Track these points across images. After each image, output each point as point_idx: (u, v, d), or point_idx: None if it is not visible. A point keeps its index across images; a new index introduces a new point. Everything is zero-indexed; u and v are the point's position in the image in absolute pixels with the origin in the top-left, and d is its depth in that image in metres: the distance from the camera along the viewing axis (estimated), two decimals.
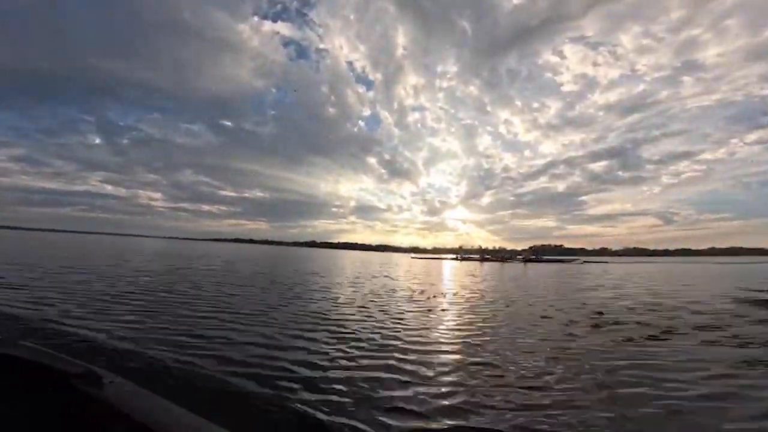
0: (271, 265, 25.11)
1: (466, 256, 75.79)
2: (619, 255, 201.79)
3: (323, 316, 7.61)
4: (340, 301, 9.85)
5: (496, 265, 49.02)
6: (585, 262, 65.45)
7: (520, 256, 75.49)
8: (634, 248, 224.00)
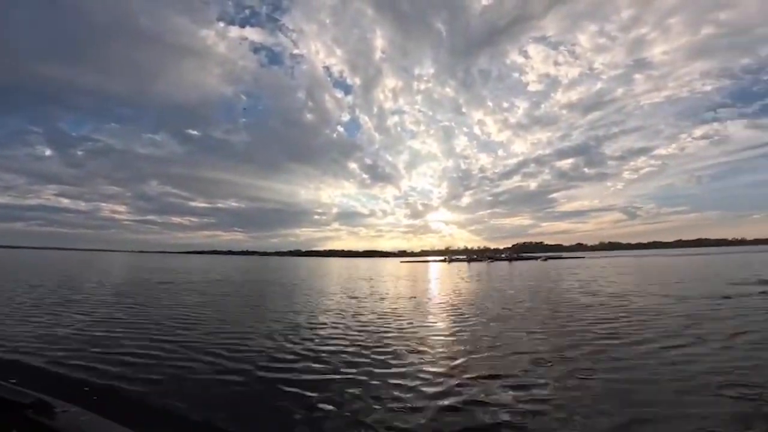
0: (241, 277, 22.12)
1: (454, 257, 75.91)
2: (595, 250, 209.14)
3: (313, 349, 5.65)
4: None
5: (482, 265, 49.80)
6: (562, 258, 66.03)
7: (504, 255, 78.53)
8: (609, 243, 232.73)
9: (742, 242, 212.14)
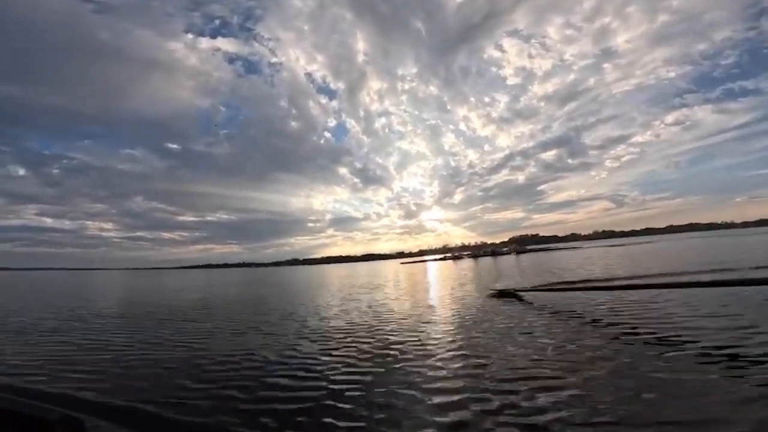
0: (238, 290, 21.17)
1: (458, 254, 75.46)
2: (590, 239, 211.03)
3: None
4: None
5: (489, 260, 48.86)
6: (559, 249, 66.12)
7: (506, 249, 78.33)
8: (603, 231, 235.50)
9: (731, 225, 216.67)
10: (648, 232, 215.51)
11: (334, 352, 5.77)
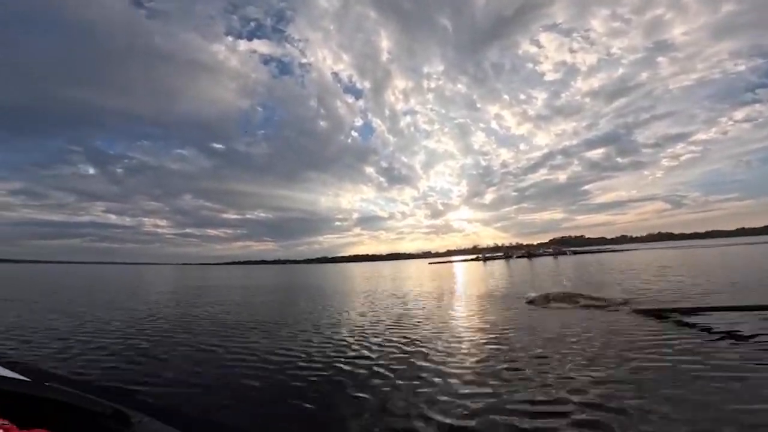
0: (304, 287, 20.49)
1: (489, 255, 70.24)
2: (644, 241, 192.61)
3: None
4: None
5: (524, 262, 43.91)
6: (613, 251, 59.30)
7: (541, 250, 71.66)
8: (659, 233, 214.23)
9: None
10: (712, 234, 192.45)
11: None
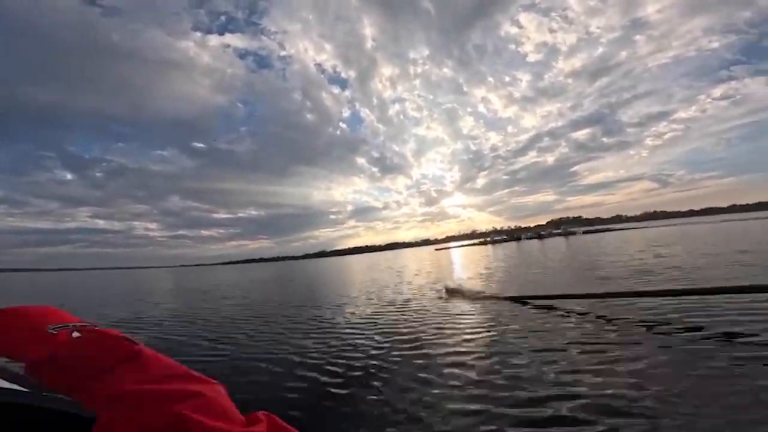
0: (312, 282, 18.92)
1: (497, 238, 71.08)
2: (639, 220, 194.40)
3: None
4: None
5: (536, 243, 43.94)
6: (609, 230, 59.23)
7: (544, 232, 73.74)
8: (654, 212, 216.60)
9: None
10: (708, 212, 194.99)
11: None
